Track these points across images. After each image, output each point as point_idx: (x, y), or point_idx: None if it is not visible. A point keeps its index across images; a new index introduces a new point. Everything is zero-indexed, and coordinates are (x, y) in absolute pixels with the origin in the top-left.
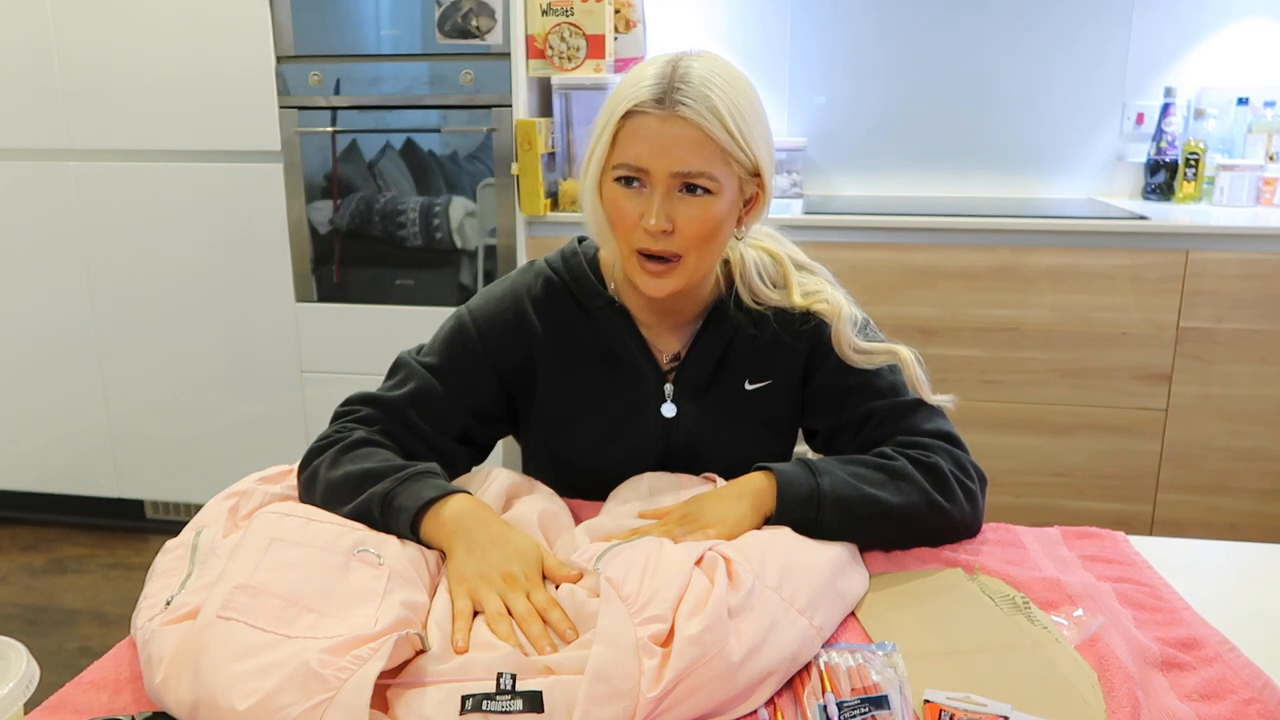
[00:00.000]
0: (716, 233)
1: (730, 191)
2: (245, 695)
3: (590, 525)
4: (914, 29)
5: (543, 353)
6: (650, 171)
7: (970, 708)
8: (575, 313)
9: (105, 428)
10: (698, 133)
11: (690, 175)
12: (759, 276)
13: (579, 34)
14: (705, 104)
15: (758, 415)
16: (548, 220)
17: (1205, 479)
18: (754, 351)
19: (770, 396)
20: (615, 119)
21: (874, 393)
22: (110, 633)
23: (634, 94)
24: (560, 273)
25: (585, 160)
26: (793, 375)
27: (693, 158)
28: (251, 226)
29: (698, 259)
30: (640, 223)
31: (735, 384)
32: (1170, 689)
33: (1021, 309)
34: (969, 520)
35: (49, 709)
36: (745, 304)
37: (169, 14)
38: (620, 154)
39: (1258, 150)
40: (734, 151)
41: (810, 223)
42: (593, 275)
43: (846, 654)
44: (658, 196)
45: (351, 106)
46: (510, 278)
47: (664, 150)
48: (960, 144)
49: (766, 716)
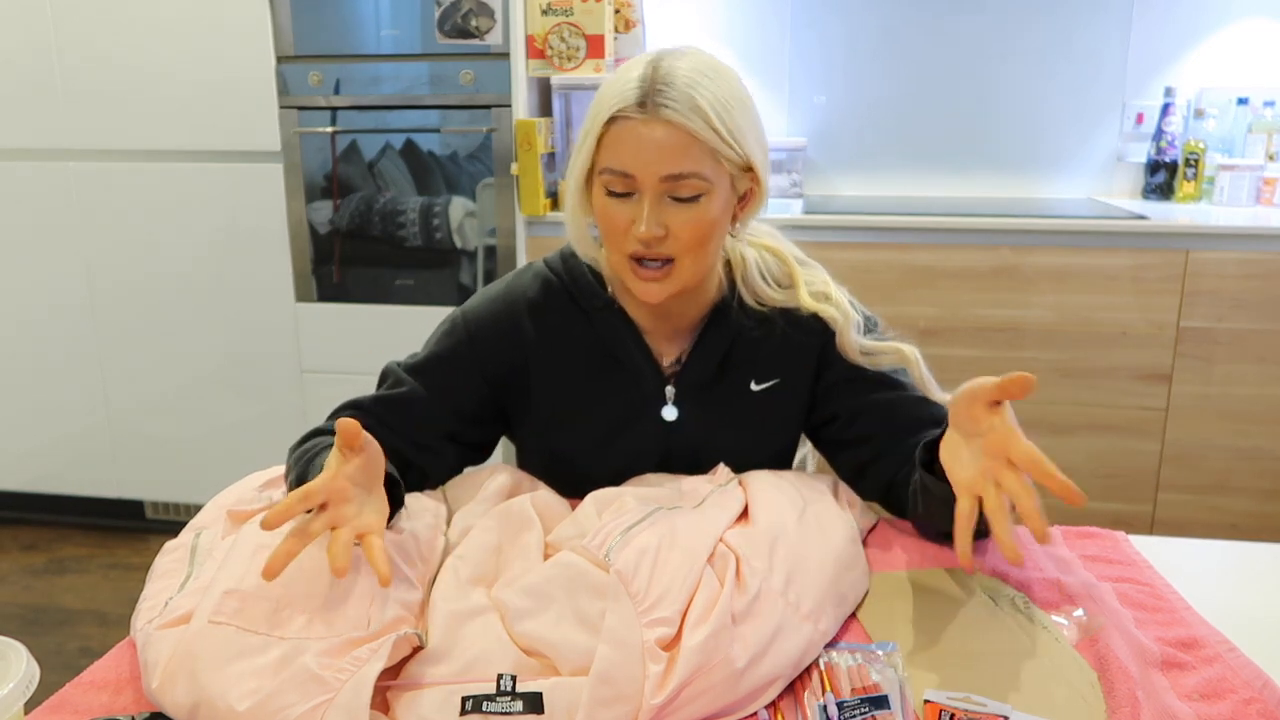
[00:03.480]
0: (710, 235)
1: (722, 190)
2: (244, 696)
3: (599, 496)
4: (914, 29)
5: (537, 356)
6: (637, 177)
7: (970, 708)
8: (574, 314)
9: (105, 428)
10: (683, 134)
11: (678, 178)
12: (761, 277)
13: (579, 34)
14: (688, 104)
15: (763, 416)
16: (547, 220)
17: (1205, 479)
18: (760, 352)
19: (778, 396)
20: (599, 125)
21: (892, 383)
22: (110, 633)
23: (617, 99)
24: (559, 274)
25: (569, 166)
26: (803, 372)
27: (679, 159)
28: (251, 226)
29: (693, 261)
30: (631, 230)
31: (740, 385)
32: (1170, 689)
33: (1021, 309)
34: None
35: (49, 709)
36: (748, 305)
37: (169, 14)
38: (605, 159)
39: (1258, 150)
40: (722, 149)
41: (810, 223)
42: (592, 277)
43: (846, 654)
44: (647, 203)
45: (351, 106)
46: (508, 279)
47: (649, 155)
48: (960, 144)
49: (766, 717)
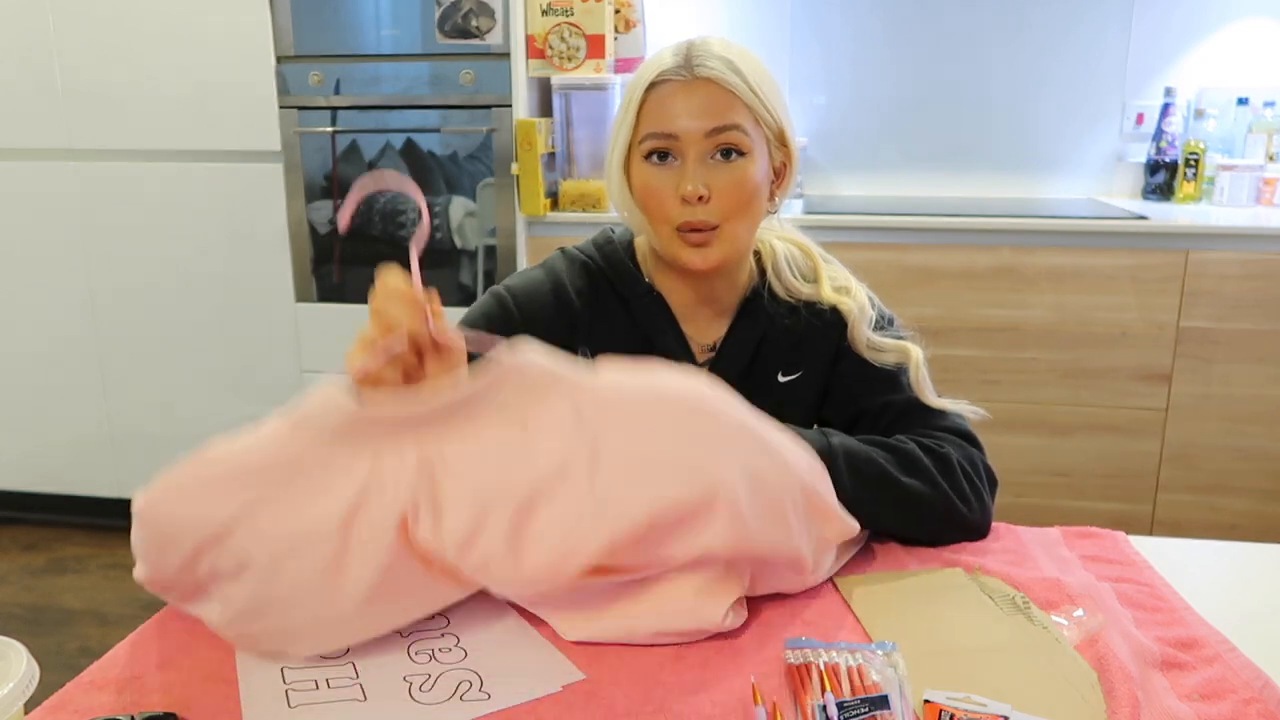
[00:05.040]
0: (752, 199)
1: (761, 155)
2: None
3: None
4: (914, 29)
5: (583, 335)
6: (680, 136)
7: (970, 708)
8: (613, 301)
9: (105, 428)
10: (723, 91)
11: (721, 130)
12: (790, 269)
13: (579, 34)
14: (725, 64)
15: (786, 408)
16: (548, 220)
17: (1205, 479)
18: (787, 343)
19: (801, 388)
20: (640, 92)
21: (896, 385)
22: (110, 633)
23: (655, 67)
24: (596, 260)
25: (611, 143)
26: (822, 364)
27: (722, 112)
28: (251, 226)
29: (735, 227)
30: (675, 194)
31: (769, 376)
32: (1170, 689)
33: (1021, 309)
34: (975, 518)
35: (49, 709)
36: (778, 296)
37: (169, 14)
38: (647, 124)
39: (1258, 150)
40: (757, 108)
41: (810, 223)
42: (630, 263)
43: (846, 654)
44: (690, 163)
45: (351, 106)
46: (543, 264)
47: (692, 111)
48: (960, 144)
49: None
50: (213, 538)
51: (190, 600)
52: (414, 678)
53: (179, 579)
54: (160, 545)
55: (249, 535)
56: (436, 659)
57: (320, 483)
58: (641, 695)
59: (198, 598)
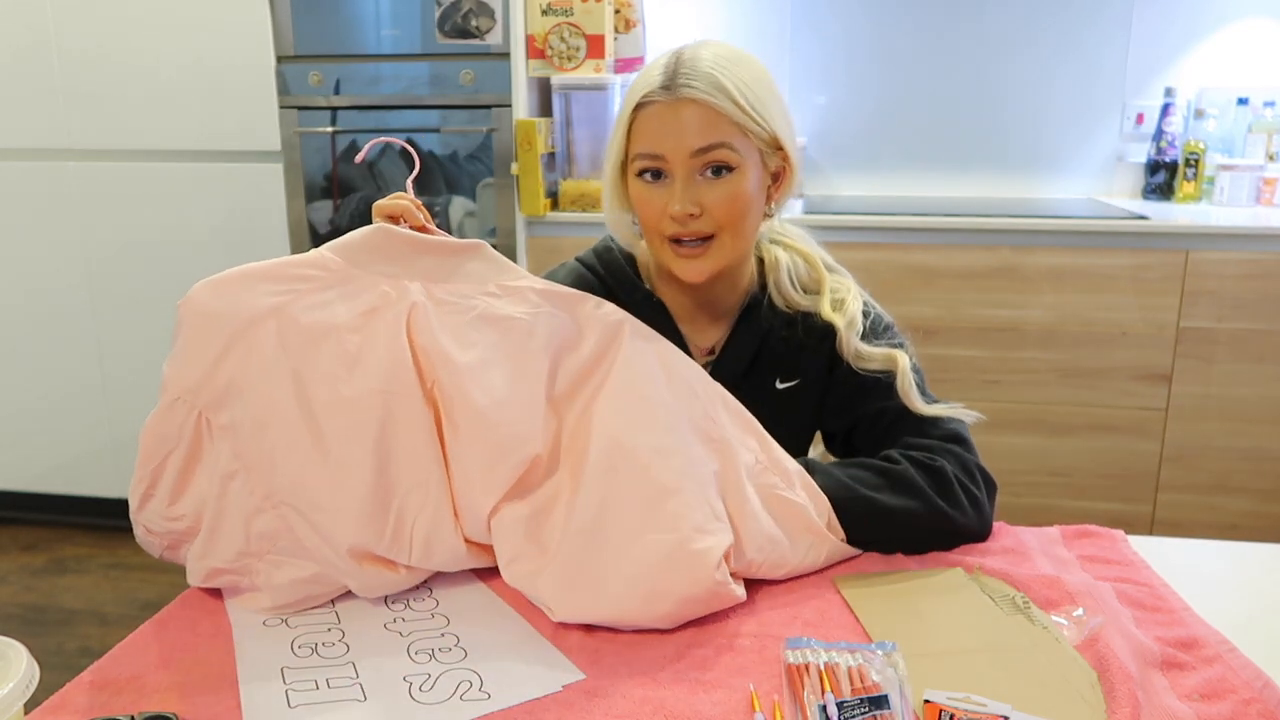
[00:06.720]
0: (746, 210)
1: (753, 166)
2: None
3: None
4: (914, 29)
5: None
6: (667, 157)
7: (970, 708)
8: None
9: (105, 428)
10: (707, 110)
11: (706, 150)
12: (791, 282)
13: (579, 34)
14: (710, 82)
15: (783, 416)
16: (548, 220)
17: (1205, 479)
18: (785, 351)
19: (798, 396)
20: (628, 113)
21: (890, 391)
22: (110, 633)
23: (643, 87)
24: (595, 268)
25: (605, 161)
26: (819, 373)
27: (705, 133)
28: (251, 226)
29: (731, 237)
30: (667, 211)
31: (767, 383)
32: (1170, 689)
33: (1021, 309)
34: (974, 526)
35: (49, 709)
36: (777, 305)
37: (169, 13)
38: (637, 144)
39: (1258, 150)
40: (746, 123)
41: (810, 223)
42: (630, 269)
43: (846, 654)
44: (680, 182)
45: (351, 106)
46: (549, 273)
47: (676, 132)
48: (960, 144)
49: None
50: (247, 325)
51: (211, 410)
52: (414, 678)
53: (199, 393)
54: (195, 342)
55: (277, 331)
56: (436, 659)
57: (345, 291)
58: (641, 695)
59: (217, 409)
